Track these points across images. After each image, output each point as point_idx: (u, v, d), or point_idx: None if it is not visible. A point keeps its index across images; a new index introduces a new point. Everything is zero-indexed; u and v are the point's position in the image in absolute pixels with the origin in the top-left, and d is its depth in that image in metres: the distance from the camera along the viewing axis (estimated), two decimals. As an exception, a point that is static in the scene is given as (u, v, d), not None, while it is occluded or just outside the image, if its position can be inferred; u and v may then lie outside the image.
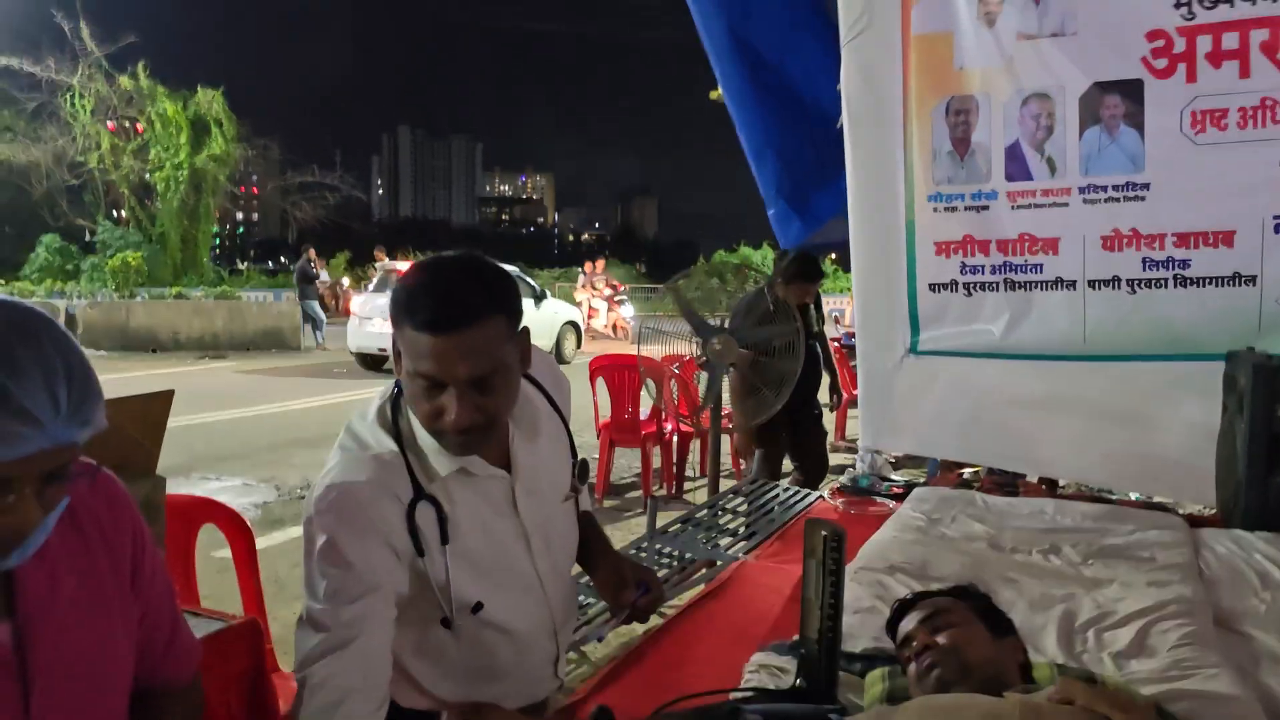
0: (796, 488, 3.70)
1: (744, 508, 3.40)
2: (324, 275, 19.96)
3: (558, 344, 15.46)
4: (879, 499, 3.32)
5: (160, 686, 1.27)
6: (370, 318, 13.45)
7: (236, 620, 1.76)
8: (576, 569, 1.70)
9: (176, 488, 6.24)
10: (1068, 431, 3.35)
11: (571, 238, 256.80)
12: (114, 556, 1.18)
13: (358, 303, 14.35)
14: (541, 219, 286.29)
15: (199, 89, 28.62)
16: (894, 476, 3.65)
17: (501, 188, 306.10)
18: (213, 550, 3.07)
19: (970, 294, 3.50)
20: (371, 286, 15.09)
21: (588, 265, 21.25)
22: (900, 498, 3.24)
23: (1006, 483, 3.41)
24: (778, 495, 3.54)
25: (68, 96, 27.71)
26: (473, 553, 1.45)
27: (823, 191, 4.19)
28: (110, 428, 1.04)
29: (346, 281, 18.86)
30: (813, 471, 4.60)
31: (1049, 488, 3.68)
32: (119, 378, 12.70)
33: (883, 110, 3.57)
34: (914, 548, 2.52)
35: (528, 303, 13.82)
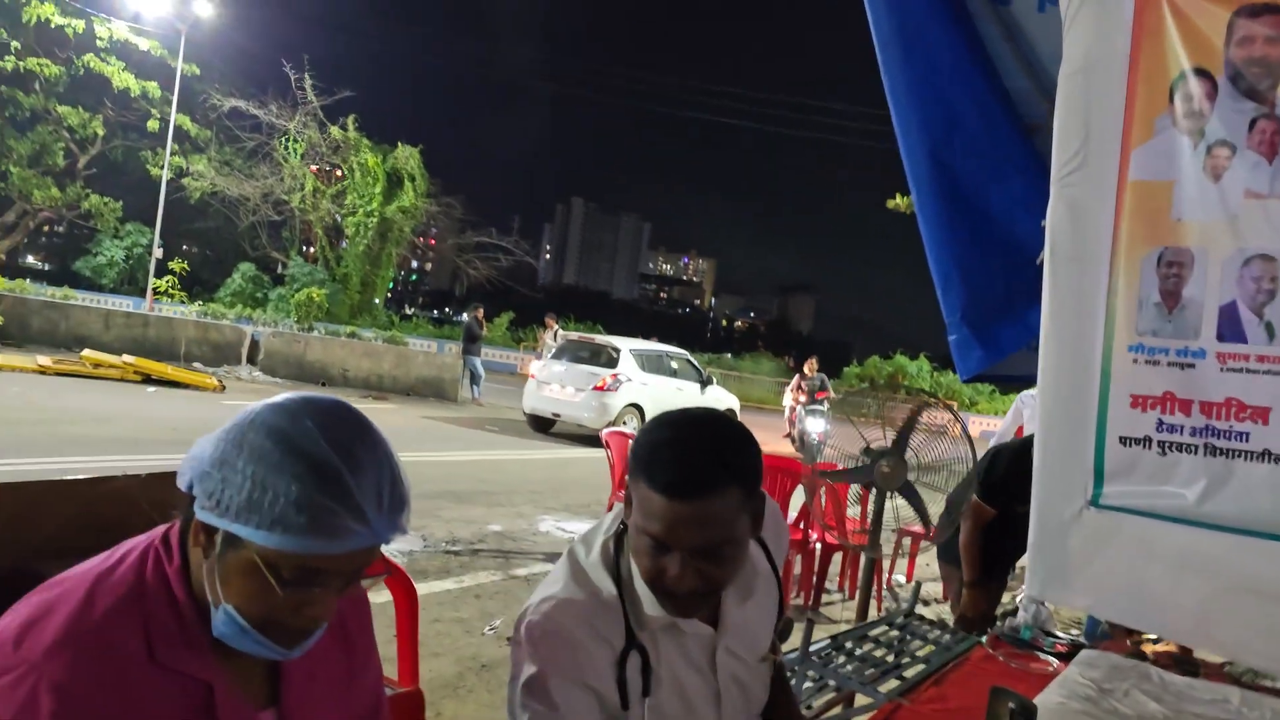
0: (951, 629, 3.54)
1: (895, 641, 3.27)
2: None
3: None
4: (1042, 655, 3.14)
5: None
6: (548, 383, 14.44)
7: (402, 690, 1.79)
8: None
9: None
10: (1261, 616, 3.09)
11: (725, 323, 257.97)
12: (353, 652, 1.23)
13: (536, 367, 15.19)
14: (698, 301, 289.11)
15: (399, 145, 30.55)
16: (1058, 633, 3.45)
17: (664, 266, 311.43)
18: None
19: (1165, 453, 3.31)
20: (550, 354, 15.86)
21: (807, 365, 18.65)
22: (1065, 657, 3.06)
23: (1186, 659, 3.17)
24: (933, 633, 3.39)
25: (283, 140, 30.05)
26: (667, 708, 1.41)
27: (1009, 324, 4.08)
28: None
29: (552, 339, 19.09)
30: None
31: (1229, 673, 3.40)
32: (289, 406, 13.37)
33: (1088, 251, 3.47)
34: (1083, 720, 2.36)
35: (693, 387, 15.67)
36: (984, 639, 3.25)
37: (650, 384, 14.50)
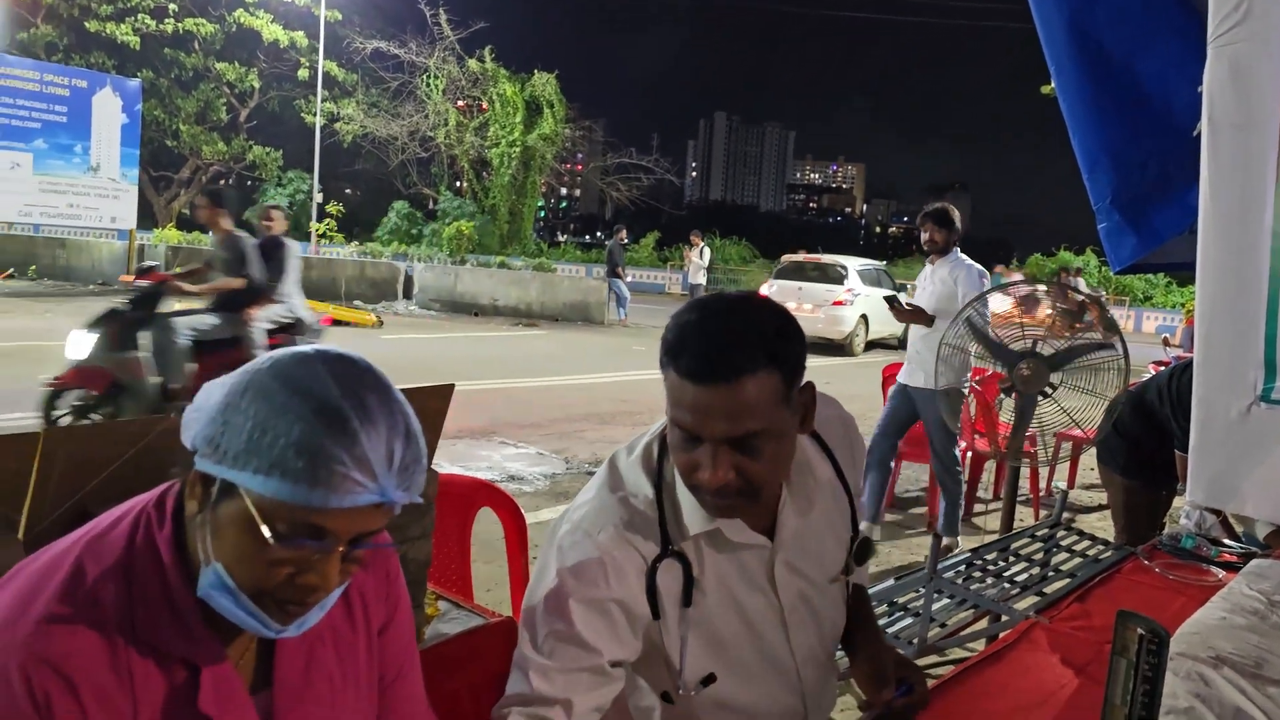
0: (1105, 540, 3.30)
1: (1039, 554, 3.07)
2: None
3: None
4: (1206, 567, 2.88)
5: None
6: (784, 301, 14.96)
7: (494, 619, 1.77)
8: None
9: (476, 450, 6.72)
10: None
11: (878, 229, 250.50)
12: (370, 630, 1.15)
13: (766, 288, 16.33)
14: (849, 209, 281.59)
15: (535, 72, 30.65)
16: (1227, 542, 3.16)
17: (811, 175, 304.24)
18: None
19: (1349, 341, 2.94)
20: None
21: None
22: (1232, 568, 2.79)
23: (1375, 569, 2.84)
24: (1081, 544, 3.17)
25: (424, 77, 30.61)
26: (715, 623, 1.33)
27: (1165, 206, 3.70)
28: None
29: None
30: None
31: None
32: (445, 337, 13.88)
33: (1253, 117, 3.07)
34: (1248, 637, 2.13)
35: (881, 294, 15.74)
36: (1139, 550, 3.01)
37: (871, 295, 15.65)
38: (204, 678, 0.98)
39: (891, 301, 5.42)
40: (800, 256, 18.24)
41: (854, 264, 16.88)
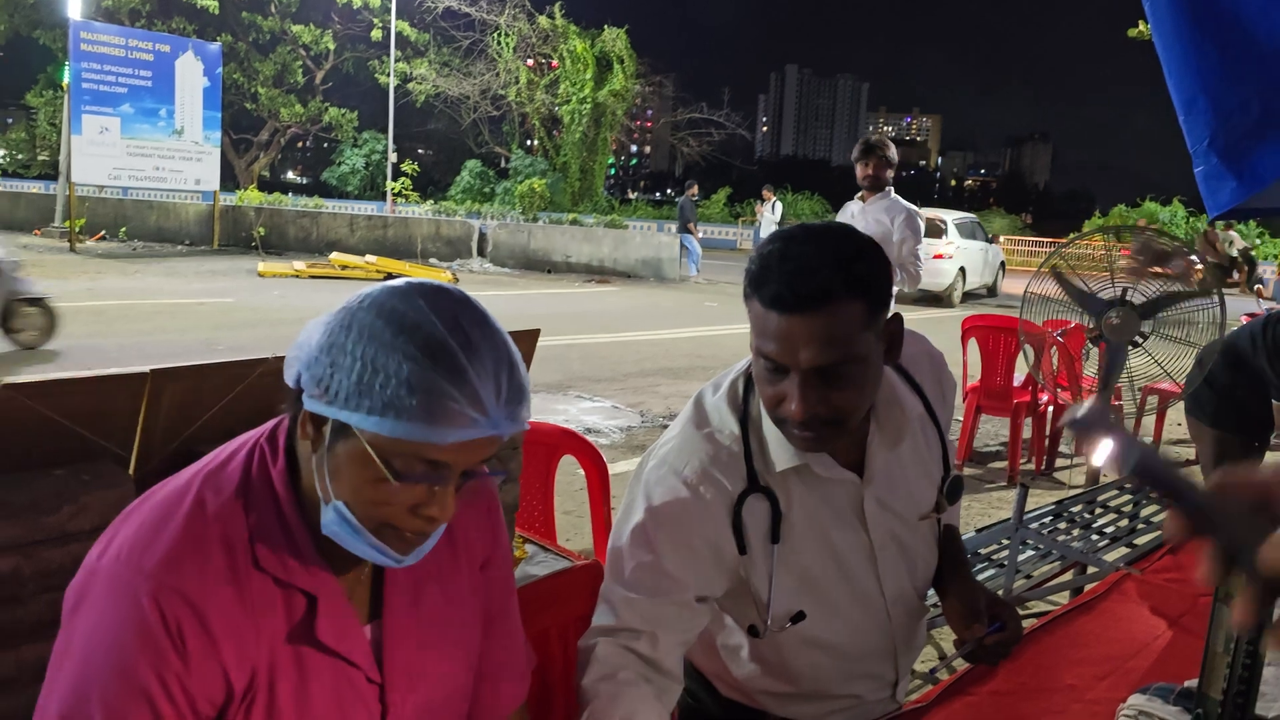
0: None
1: (1128, 506, 3.00)
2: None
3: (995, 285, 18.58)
4: (1306, 520, 2.79)
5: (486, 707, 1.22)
6: None
7: (581, 561, 1.79)
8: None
9: (553, 404, 6.80)
10: None
11: (954, 182, 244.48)
12: (472, 566, 1.17)
13: None
14: (924, 162, 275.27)
15: (606, 28, 30.38)
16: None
17: (885, 128, 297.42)
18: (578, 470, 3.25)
19: None
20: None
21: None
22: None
23: None
24: (1172, 497, 3.09)
25: (495, 35, 30.60)
26: (803, 559, 1.32)
27: (1269, 146, 3.51)
28: None
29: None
30: None
31: None
32: (520, 294, 14.00)
33: (1370, 49, 2.90)
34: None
35: (975, 245, 17.69)
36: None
37: (968, 248, 16.96)
38: (321, 607, 1.01)
39: None
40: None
41: (951, 217, 17.47)
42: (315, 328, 0.97)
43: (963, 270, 16.76)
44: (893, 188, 5.13)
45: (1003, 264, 19.62)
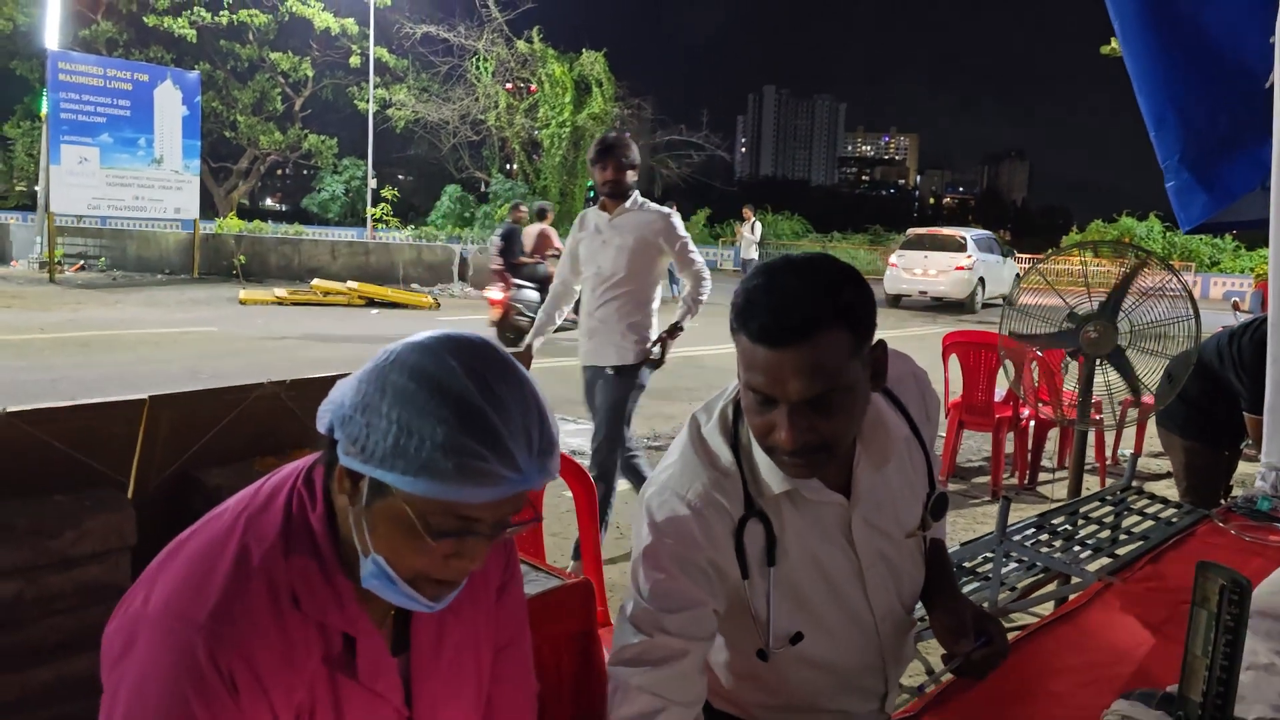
0: (1178, 502, 3.25)
1: (1109, 517, 3.04)
2: None
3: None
4: (1282, 527, 2.83)
5: None
6: (911, 268, 19.25)
7: (571, 580, 1.81)
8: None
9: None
10: None
11: (932, 200, 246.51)
12: (489, 593, 1.21)
13: (896, 256, 19.95)
14: (902, 180, 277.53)
15: (584, 51, 30.56)
16: (1304, 502, 3.10)
17: (863, 148, 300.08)
18: (564, 490, 3.26)
19: None
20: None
21: None
22: (1311, 529, 2.75)
23: None
24: (1153, 507, 3.13)
25: (473, 60, 30.72)
26: (798, 580, 1.35)
27: (1237, 162, 3.60)
28: None
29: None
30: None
31: None
32: (499, 318, 13.96)
33: (1330, 67, 2.99)
34: (1328, 595, 2.11)
35: (993, 258, 19.71)
36: (1213, 512, 2.97)
37: (986, 260, 19.25)
38: (360, 647, 1.04)
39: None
40: (924, 230, 21.41)
41: (970, 234, 20.02)
42: (348, 386, 1.00)
43: (982, 281, 18.87)
44: (637, 192, 4.36)
45: (1018, 275, 20.57)
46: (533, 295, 10.85)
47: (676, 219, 4.39)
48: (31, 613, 1.29)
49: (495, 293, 10.93)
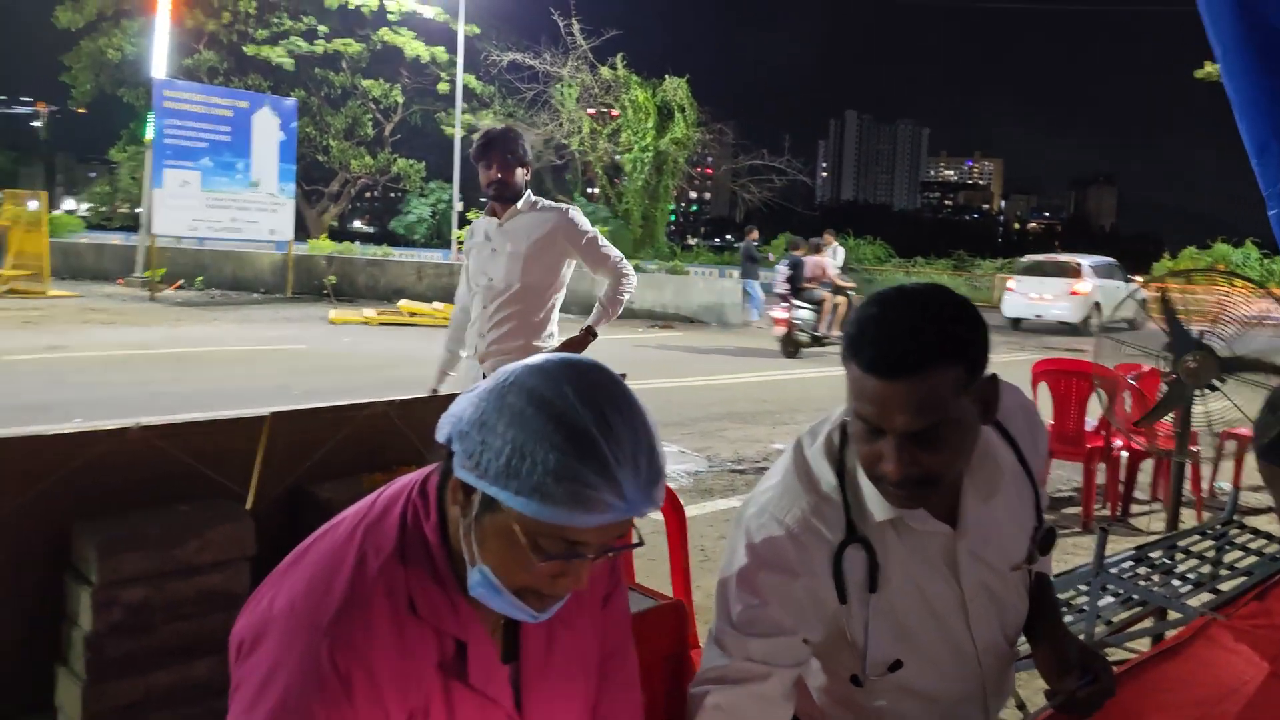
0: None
1: (1210, 552, 2.95)
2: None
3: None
4: (1399, 568, 2.71)
5: None
6: (1028, 292, 19.84)
7: (664, 601, 1.83)
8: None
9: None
10: None
11: (1018, 225, 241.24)
12: (595, 604, 1.24)
13: (1014, 282, 20.63)
14: (986, 205, 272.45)
15: (666, 77, 30.79)
16: None
17: (945, 172, 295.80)
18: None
19: None
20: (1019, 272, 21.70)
21: None
22: None
23: None
24: (1256, 542, 3.03)
25: (558, 86, 31.21)
26: (899, 609, 1.34)
27: (1343, 188, 3.47)
28: None
29: None
30: None
31: None
32: (580, 340, 14.14)
33: None
34: None
35: (1113, 284, 19.87)
36: (1323, 550, 2.85)
37: (1102, 285, 19.67)
38: (470, 652, 1.09)
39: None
40: (1041, 256, 22.22)
41: (1087, 260, 20.73)
42: (468, 402, 1.04)
43: (1097, 305, 19.19)
44: (530, 191, 3.79)
45: (1143, 301, 20.76)
46: (809, 314, 13.45)
47: (576, 213, 3.79)
48: (157, 618, 1.36)
49: (780, 313, 13.49)
